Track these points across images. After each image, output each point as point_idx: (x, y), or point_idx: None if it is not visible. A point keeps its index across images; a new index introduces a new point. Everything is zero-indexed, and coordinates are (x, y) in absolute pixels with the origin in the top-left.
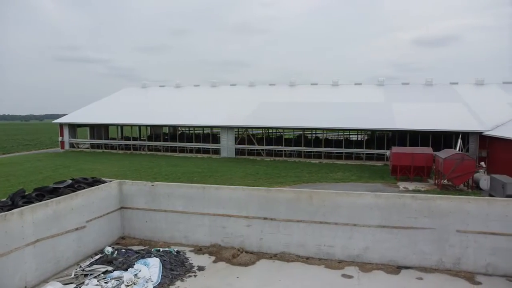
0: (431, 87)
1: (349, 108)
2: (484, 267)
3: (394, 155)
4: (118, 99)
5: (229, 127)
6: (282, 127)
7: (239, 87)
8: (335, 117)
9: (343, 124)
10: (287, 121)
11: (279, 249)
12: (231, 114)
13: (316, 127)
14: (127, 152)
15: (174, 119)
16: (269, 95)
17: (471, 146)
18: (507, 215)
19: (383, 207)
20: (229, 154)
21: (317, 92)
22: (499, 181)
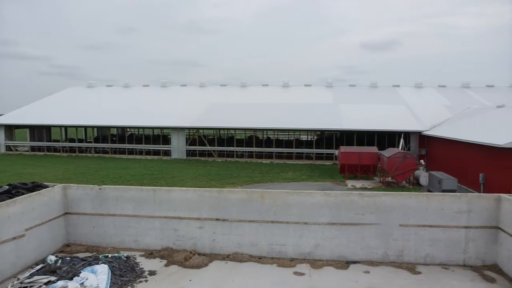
0: (376, 89)
1: (299, 109)
2: (423, 257)
3: (342, 155)
4: (61, 99)
5: (180, 128)
6: (234, 128)
7: (190, 88)
8: (285, 118)
9: (293, 124)
10: (239, 121)
11: (232, 249)
12: (182, 115)
13: (267, 128)
14: (72, 154)
15: (123, 120)
16: (220, 95)
17: (412, 145)
18: (442, 209)
19: (332, 205)
20: (180, 155)
21: (268, 93)
22: (436, 178)
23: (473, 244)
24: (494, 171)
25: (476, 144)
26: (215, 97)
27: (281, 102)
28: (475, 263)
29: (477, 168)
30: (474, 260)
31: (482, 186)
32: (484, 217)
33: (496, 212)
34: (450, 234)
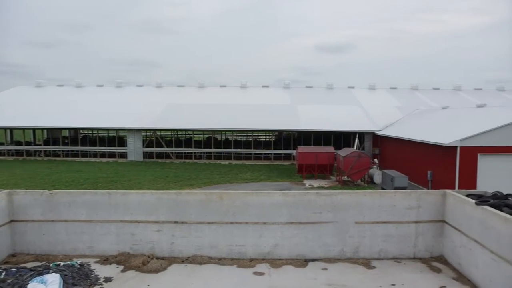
0: (331, 91)
1: (258, 110)
2: (377, 252)
3: (299, 155)
4: (6, 99)
5: (136, 130)
6: (192, 129)
7: (147, 88)
8: (244, 119)
9: (252, 125)
10: (197, 122)
11: (191, 252)
12: (138, 116)
13: (226, 129)
14: (19, 158)
15: (75, 121)
16: (178, 96)
17: (366, 145)
18: (395, 205)
19: (290, 205)
20: (137, 157)
21: (226, 94)
22: (389, 175)
23: (422, 238)
24: (441, 168)
25: (425, 143)
26: (172, 97)
27: (239, 103)
28: (424, 255)
29: (426, 165)
30: (423, 252)
31: (430, 183)
32: (432, 212)
33: (442, 207)
34: (402, 229)
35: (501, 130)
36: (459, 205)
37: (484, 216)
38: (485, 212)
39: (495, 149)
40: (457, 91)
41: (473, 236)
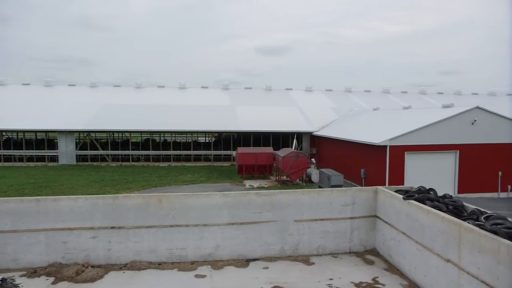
0: (270, 92)
1: (197, 111)
2: (316, 249)
3: (239, 156)
4: None
5: (68, 131)
6: (129, 131)
7: (80, 88)
8: (183, 120)
9: (191, 126)
10: (134, 124)
11: (129, 258)
12: (71, 117)
13: (165, 130)
14: None
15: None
16: (114, 97)
17: (304, 145)
18: (331, 203)
19: (231, 205)
20: (69, 161)
21: (165, 94)
22: (326, 174)
23: (357, 233)
24: (373, 166)
25: (358, 143)
26: (108, 98)
27: (178, 104)
28: (358, 249)
29: (359, 164)
30: (358, 246)
31: (363, 180)
32: (365, 208)
33: (374, 203)
34: (338, 225)
35: (424, 130)
36: (389, 201)
37: (410, 210)
38: (411, 206)
39: (419, 147)
40: (386, 93)
41: (402, 228)
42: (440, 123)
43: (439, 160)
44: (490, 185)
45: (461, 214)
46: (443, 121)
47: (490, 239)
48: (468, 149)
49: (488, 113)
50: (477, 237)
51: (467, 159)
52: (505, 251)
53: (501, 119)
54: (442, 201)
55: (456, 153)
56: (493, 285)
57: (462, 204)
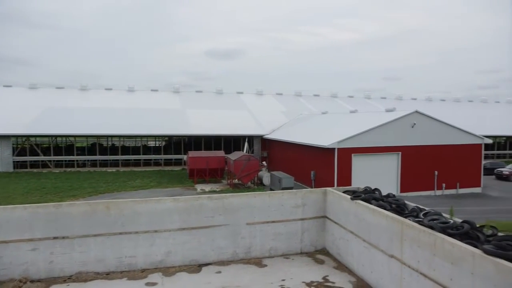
0: (221, 96)
1: (146, 114)
2: (268, 251)
3: (190, 160)
4: None
5: (3, 136)
6: (73, 135)
7: (17, 90)
8: (132, 123)
9: (140, 130)
10: (79, 128)
11: (75, 269)
12: (6, 120)
13: (112, 134)
14: None
15: None
16: (57, 99)
17: (255, 148)
18: (282, 205)
19: (182, 210)
20: (5, 168)
21: (112, 97)
22: (277, 177)
23: (308, 234)
24: (322, 168)
25: (308, 146)
26: (50, 100)
27: (126, 107)
28: (309, 249)
29: (309, 166)
30: (308, 247)
31: (313, 182)
32: (315, 209)
33: (324, 204)
34: (290, 227)
35: (369, 133)
36: (338, 201)
37: (357, 210)
38: (358, 206)
39: (365, 149)
40: (334, 98)
41: (350, 228)
42: (384, 126)
43: (383, 161)
44: (427, 183)
45: (403, 212)
46: (386, 124)
47: (428, 234)
48: (409, 150)
49: (425, 117)
50: (417, 232)
51: (408, 160)
52: (440, 244)
53: (437, 123)
54: (386, 200)
55: (399, 154)
56: (430, 276)
57: (404, 203)
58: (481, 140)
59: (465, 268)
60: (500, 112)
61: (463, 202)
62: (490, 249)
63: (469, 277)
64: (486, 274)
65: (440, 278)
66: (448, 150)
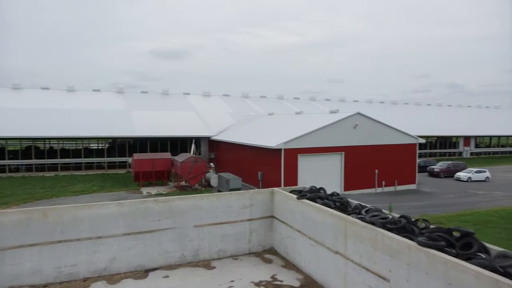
0: (168, 97)
1: (88, 116)
2: (216, 253)
3: (135, 162)
4: None
5: None
6: (4, 137)
7: None
8: (72, 125)
9: (81, 132)
10: (11, 130)
11: (5, 284)
12: None
13: (50, 137)
14: None
15: None
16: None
17: (203, 149)
18: (230, 206)
19: (127, 214)
20: None
21: (50, 97)
22: (224, 178)
23: (256, 234)
24: (269, 169)
25: (255, 147)
26: None
27: (66, 108)
28: (257, 249)
29: (257, 167)
30: (256, 247)
31: (261, 183)
32: (263, 209)
33: (271, 204)
34: (238, 228)
35: (314, 134)
36: (284, 201)
37: (303, 209)
38: (304, 205)
39: (311, 149)
40: (280, 99)
41: (297, 226)
42: (328, 127)
43: (327, 161)
44: (369, 182)
45: (347, 210)
46: (330, 125)
47: (369, 229)
48: (351, 150)
49: (366, 118)
50: (359, 228)
51: (351, 160)
52: (380, 238)
53: (377, 124)
54: (331, 198)
55: (342, 154)
56: (372, 269)
57: (347, 200)
58: (415, 140)
59: (402, 259)
60: (431, 114)
61: (400, 198)
62: (423, 241)
63: (406, 268)
64: (419, 264)
65: (380, 270)
66: (387, 149)
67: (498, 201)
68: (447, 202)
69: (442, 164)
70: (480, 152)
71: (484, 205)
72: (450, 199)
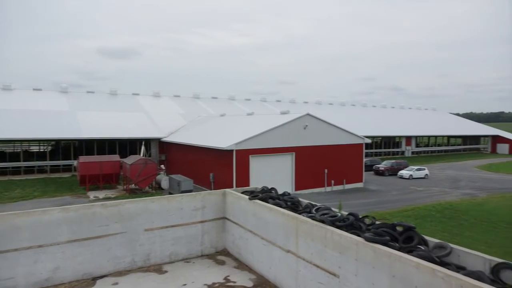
0: (116, 97)
1: (27, 116)
2: (168, 256)
3: (81, 165)
4: None
5: None
6: None
7: None
8: (9, 126)
9: (19, 134)
10: None
11: None
12: None
13: None
14: None
15: None
16: None
17: (153, 151)
18: (182, 208)
19: (72, 220)
20: None
21: None
22: (176, 180)
23: (208, 236)
24: (221, 170)
25: (206, 148)
26: None
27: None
28: (210, 251)
29: (208, 168)
30: (209, 249)
31: (212, 184)
32: (215, 210)
33: (223, 205)
34: (190, 230)
35: (266, 135)
36: (237, 202)
37: (255, 209)
38: (256, 205)
39: (262, 150)
40: (232, 100)
41: (249, 227)
42: (279, 128)
43: (279, 161)
44: (319, 181)
45: (298, 209)
46: (281, 126)
47: (319, 227)
48: (302, 150)
49: (316, 119)
50: (310, 227)
51: (301, 160)
52: (330, 236)
53: (326, 125)
54: (282, 198)
55: (293, 154)
56: (322, 266)
57: (298, 200)
58: (362, 140)
59: (351, 255)
60: (376, 115)
61: (349, 197)
62: (369, 236)
63: (354, 263)
64: (367, 258)
65: (330, 267)
66: (335, 149)
67: (435, 197)
68: (391, 199)
69: (386, 163)
70: (420, 151)
71: (423, 201)
72: (394, 196)
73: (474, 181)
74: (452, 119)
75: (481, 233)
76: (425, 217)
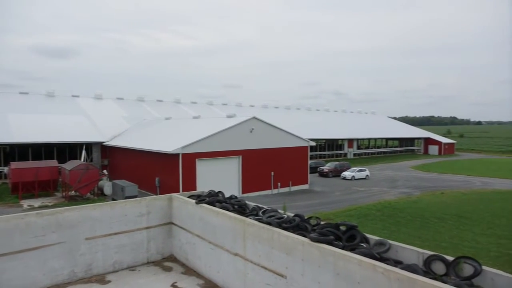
0: (53, 99)
1: None
2: (112, 265)
3: (13, 172)
4: None
5: None
6: None
7: None
8: None
9: None
10: None
11: None
12: None
13: None
14: None
15: None
16: None
17: (95, 156)
18: (126, 215)
19: (1, 233)
20: None
21: None
22: (119, 186)
23: (154, 242)
24: (167, 174)
25: (151, 152)
26: None
27: None
28: (156, 258)
29: (154, 173)
30: (155, 256)
31: (158, 189)
32: (161, 216)
33: (170, 210)
34: (134, 237)
35: (212, 138)
36: (183, 206)
37: (202, 213)
38: (203, 209)
39: (209, 154)
40: (178, 103)
41: (196, 232)
42: (225, 131)
43: (226, 164)
44: (266, 184)
45: (245, 212)
46: (227, 129)
47: (266, 229)
48: (248, 154)
49: (262, 123)
50: (257, 229)
51: (248, 163)
52: (277, 237)
53: (272, 128)
54: (229, 201)
55: (239, 157)
56: (270, 268)
57: (245, 203)
58: (307, 143)
59: (297, 256)
60: (320, 119)
61: (295, 198)
62: (314, 236)
63: (300, 263)
64: (312, 258)
65: (278, 268)
66: (281, 152)
67: (375, 196)
68: (335, 200)
69: (330, 164)
70: (361, 153)
71: (365, 200)
72: (338, 196)
73: (410, 180)
74: (390, 122)
75: (415, 228)
76: (366, 216)
